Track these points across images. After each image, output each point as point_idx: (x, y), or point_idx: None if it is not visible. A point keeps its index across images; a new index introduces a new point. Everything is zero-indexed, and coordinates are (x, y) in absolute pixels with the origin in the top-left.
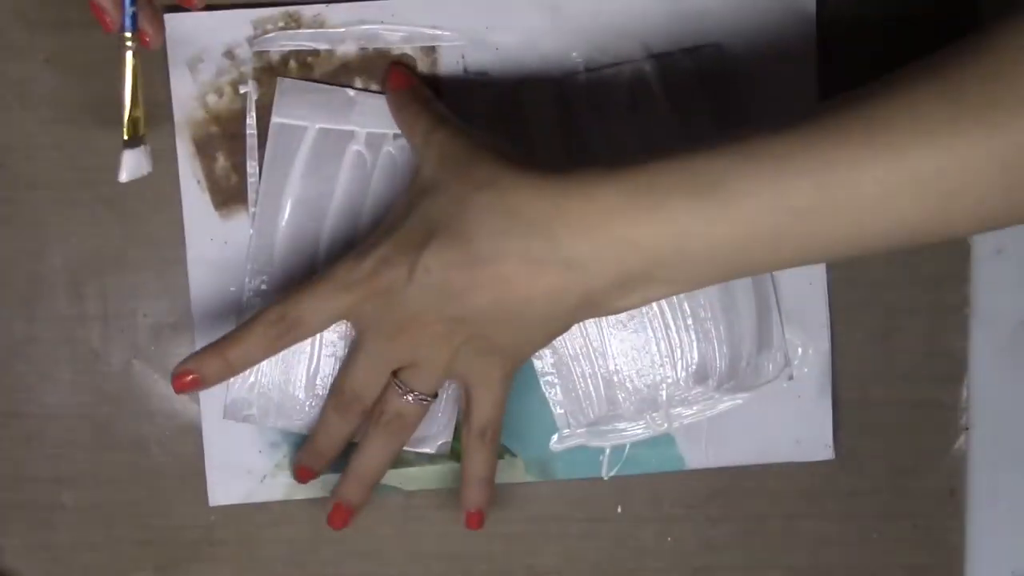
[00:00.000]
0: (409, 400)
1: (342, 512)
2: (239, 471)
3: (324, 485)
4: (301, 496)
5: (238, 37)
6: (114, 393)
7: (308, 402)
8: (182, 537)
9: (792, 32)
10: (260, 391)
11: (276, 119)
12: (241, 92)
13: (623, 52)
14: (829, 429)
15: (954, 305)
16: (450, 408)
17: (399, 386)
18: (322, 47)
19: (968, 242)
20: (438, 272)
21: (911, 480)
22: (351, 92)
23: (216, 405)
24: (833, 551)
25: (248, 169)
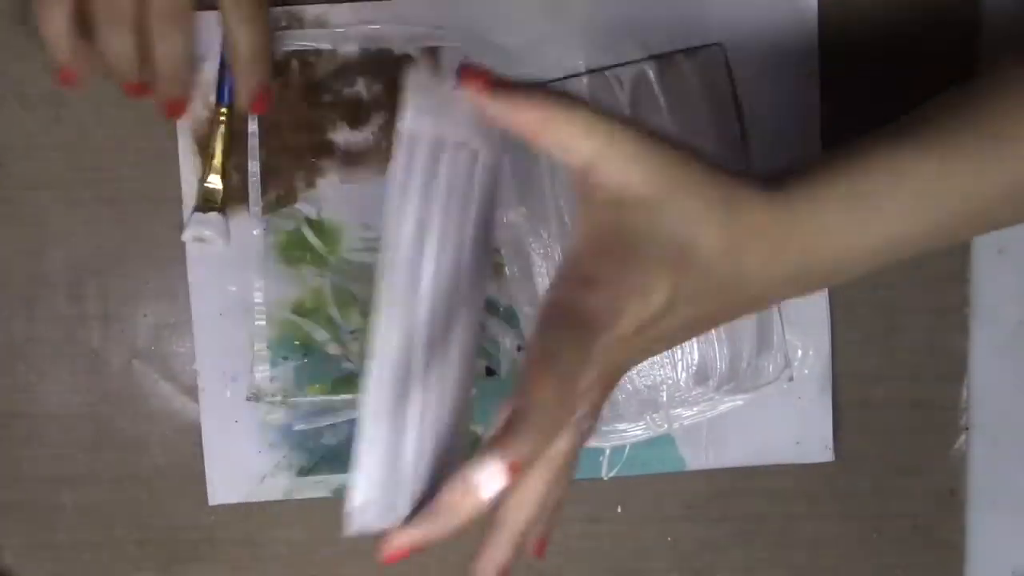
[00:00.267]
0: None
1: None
2: (239, 471)
3: (324, 485)
4: (301, 496)
5: None
6: (114, 393)
7: None
8: (182, 537)
9: (794, 33)
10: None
11: (409, 125)
12: None
13: (624, 52)
14: (829, 430)
15: (954, 305)
16: None
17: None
18: (324, 47)
19: (968, 242)
20: (688, 308)
21: (911, 480)
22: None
23: (216, 405)
24: (833, 551)
25: (249, 169)
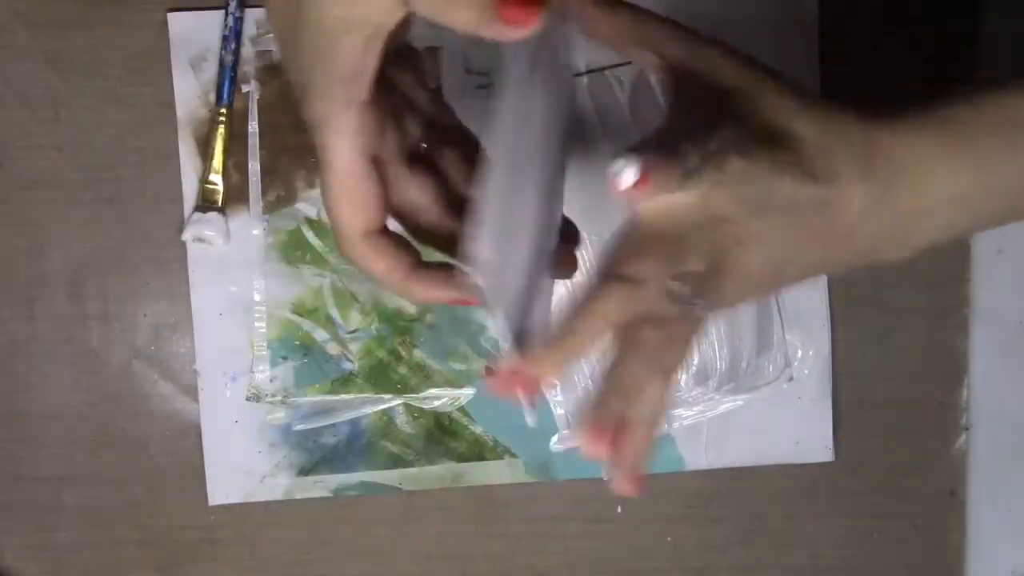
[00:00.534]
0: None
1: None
2: (238, 471)
3: (324, 485)
4: (301, 496)
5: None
6: (114, 393)
7: None
8: (182, 537)
9: (794, 32)
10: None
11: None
12: (243, 91)
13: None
14: (829, 430)
15: (954, 305)
16: None
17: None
18: None
19: (968, 242)
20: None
21: (911, 480)
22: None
23: (216, 405)
24: (833, 551)
25: (249, 168)
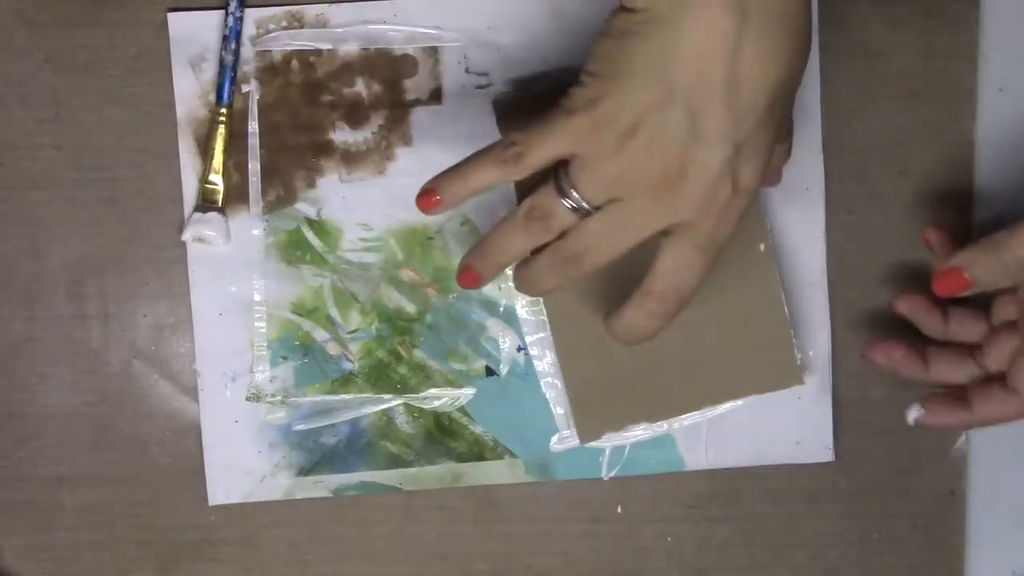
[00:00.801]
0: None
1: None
2: (239, 471)
3: (324, 485)
4: (301, 496)
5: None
6: (114, 393)
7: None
8: (182, 537)
9: None
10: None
11: None
12: (243, 91)
13: None
14: (829, 431)
15: None
16: None
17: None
18: (324, 47)
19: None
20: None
21: (911, 480)
22: None
23: (216, 405)
24: (833, 551)
25: (249, 168)
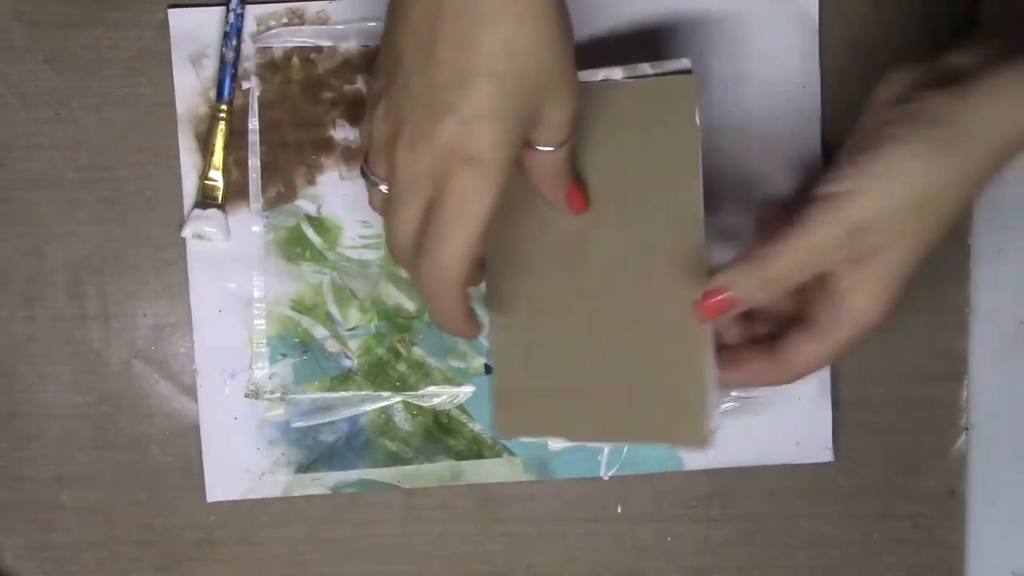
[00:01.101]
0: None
1: None
2: (237, 468)
3: (322, 482)
4: (300, 493)
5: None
6: (114, 393)
7: None
8: (182, 537)
9: (795, 32)
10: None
11: None
12: (244, 88)
13: (625, 57)
14: (829, 431)
15: (954, 305)
16: None
17: None
18: (325, 44)
19: (968, 242)
20: None
21: (911, 480)
22: None
23: (215, 402)
24: (833, 551)
25: (249, 165)
